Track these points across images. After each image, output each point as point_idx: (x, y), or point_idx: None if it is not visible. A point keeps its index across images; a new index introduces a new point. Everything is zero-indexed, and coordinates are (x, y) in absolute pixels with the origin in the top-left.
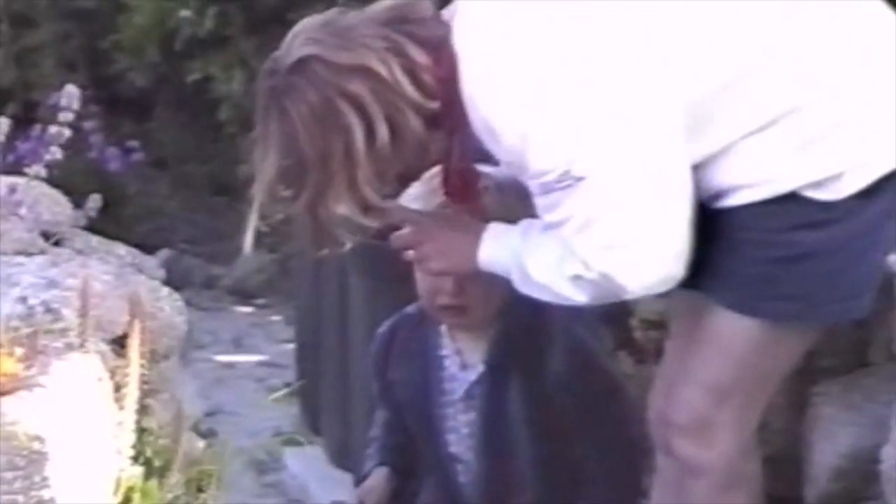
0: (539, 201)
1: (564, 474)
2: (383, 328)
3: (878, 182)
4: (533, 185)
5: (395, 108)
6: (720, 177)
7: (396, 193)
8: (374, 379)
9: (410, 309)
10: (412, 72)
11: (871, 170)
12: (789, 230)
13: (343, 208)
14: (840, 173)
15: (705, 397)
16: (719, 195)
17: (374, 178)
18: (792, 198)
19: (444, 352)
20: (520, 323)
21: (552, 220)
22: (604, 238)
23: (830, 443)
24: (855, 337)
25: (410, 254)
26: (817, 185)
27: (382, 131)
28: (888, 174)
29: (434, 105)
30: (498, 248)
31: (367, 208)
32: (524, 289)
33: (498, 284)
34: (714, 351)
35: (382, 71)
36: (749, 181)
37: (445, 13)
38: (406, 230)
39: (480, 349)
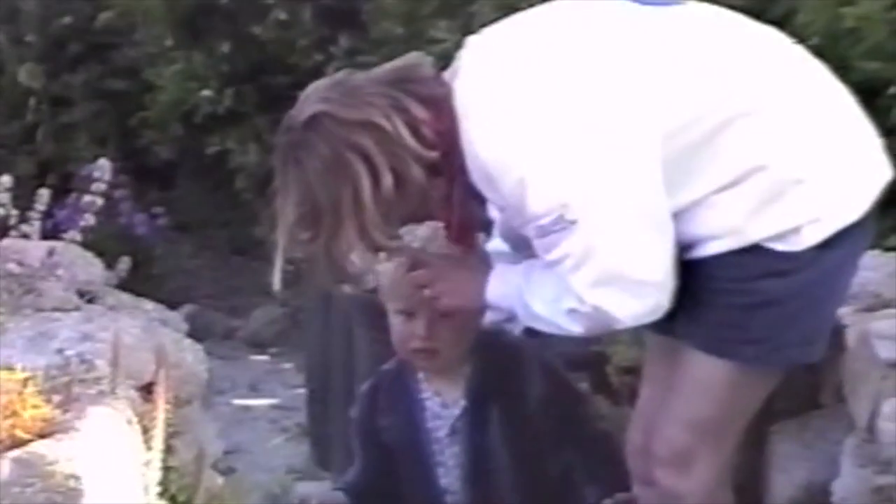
0: (537, 243)
1: (543, 492)
2: (365, 386)
3: (835, 235)
4: (530, 229)
5: (399, 158)
6: (693, 228)
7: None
8: (357, 433)
9: (387, 366)
10: (413, 126)
11: (828, 224)
12: (755, 279)
13: (355, 249)
14: (799, 227)
15: (684, 433)
16: (692, 245)
17: (381, 222)
18: (757, 249)
19: (425, 395)
20: (493, 357)
21: (550, 260)
22: (595, 275)
23: (786, 477)
24: (808, 381)
25: (426, 293)
26: (779, 237)
27: (387, 179)
28: (843, 228)
29: (433, 155)
30: (503, 286)
31: (376, 249)
32: (528, 322)
33: (466, 328)
34: (690, 390)
35: (386, 125)
36: (719, 233)
37: (446, 74)
38: (420, 271)
39: (458, 387)
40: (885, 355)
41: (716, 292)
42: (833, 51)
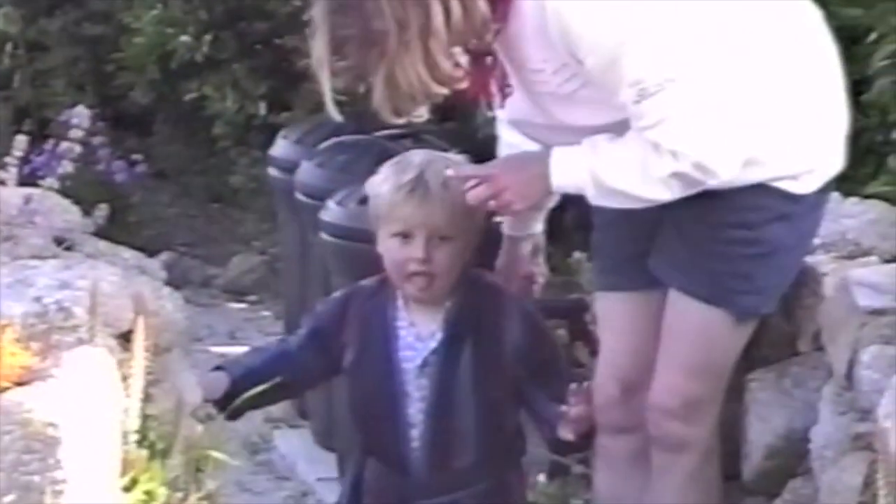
0: (632, 108)
1: (503, 440)
2: (337, 294)
3: (829, 181)
4: (626, 94)
5: None
6: None
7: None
8: (310, 326)
9: (366, 282)
10: None
11: (830, 168)
12: (765, 224)
13: (418, 75)
14: (813, 168)
15: (691, 381)
16: None
17: (446, 51)
18: (768, 189)
19: (401, 323)
20: (475, 297)
21: (645, 125)
22: (702, 130)
23: (765, 424)
24: (786, 329)
25: (492, 204)
26: (794, 177)
27: (457, 9)
28: (833, 176)
29: None
30: (568, 169)
31: (439, 78)
32: (600, 200)
33: (462, 253)
34: (691, 339)
35: None
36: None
37: None
38: (480, 187)
39: (436, 321)
40: (864, 303)
41: (727, 242)
42: None
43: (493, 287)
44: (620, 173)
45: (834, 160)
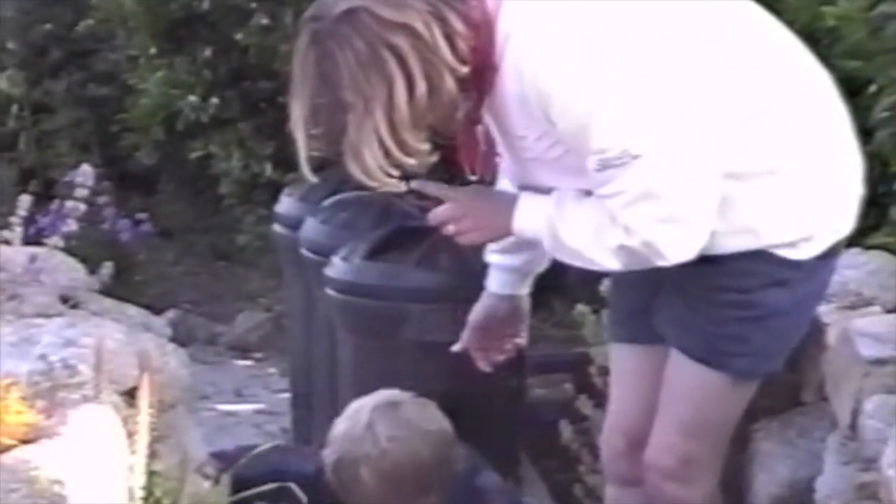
0: (594, 176)
1: None
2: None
3: (833, 246)
4: (590, 161)
5: (433, 66)
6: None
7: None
8: None
9: None
10: (450, 37)
11: (832, 234)
12: (760, 289)
13: (382, 147)
14: (811, 235)
15: (687, 441)
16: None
17: (412, 126)
18: (764, 255)
19: None
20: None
21: (604, 193)
22: (655, 212)
23: (769, 474)
24: (790, 379)
25: (450, 229)
26: (792, 244)
27: (421, 85)
28: (838, 240)
29: (466, 70)
30: (531, 216)
31: (405, 151)
32: (555, 253)
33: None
34: (687, 399)
35: (424, 32)
36: (732, 229)
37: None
38: (444, 207)
39: None
40: (867, 353)
41: (722, 305)
42: (814, 49)
43: (481, 496)
44: (575, 233)
45: (839, 225)
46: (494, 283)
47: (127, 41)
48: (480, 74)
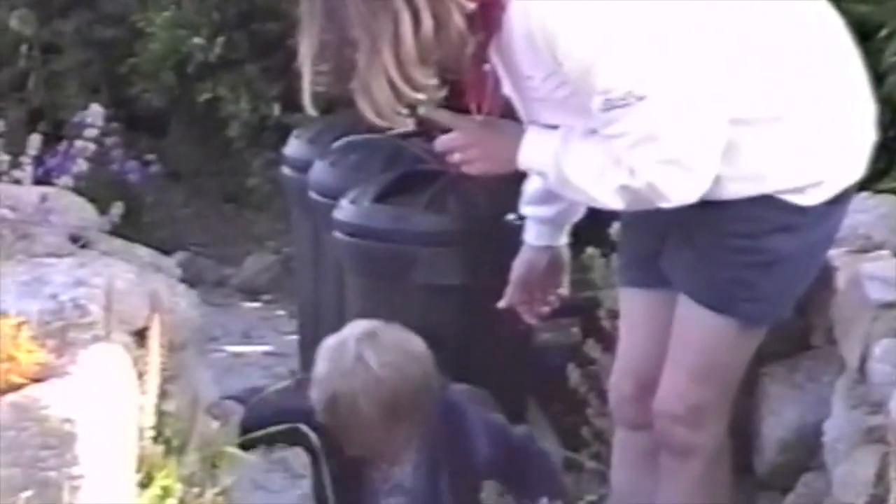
0: (599, 115)
1: None
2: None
3: (839, 193)
4: (595, 100)
5: (439, 1)
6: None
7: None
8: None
9: None
10: None
11: (841, 180)
12: (767, 234)
13: (390, 82)
14: (820, 181)
15: (697, 387)
16: (713, 183)
17: (419, 62)
18: (771, 200)
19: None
20: (440, 429)
21: (608, 133)
22: (658, 154)
23: (778, 418)
24: (798, 323)
25: (456, 157)
26: (799, 189)
27: (428, 20)
28: (847, 187)
29: (472, 6)
30: (538, 150)
31: (413, 86)
32: (558, 189)
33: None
34: (697, 346)
35: None
36: (740, 175)
37: None
38: (451, 135)
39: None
40: (876, 296)
41: (729, 250)
42: None
43: (456, 409)
44: (580, 170)
45: (848, 171)
46: (532, 234)
47: None
48: (488, 12)
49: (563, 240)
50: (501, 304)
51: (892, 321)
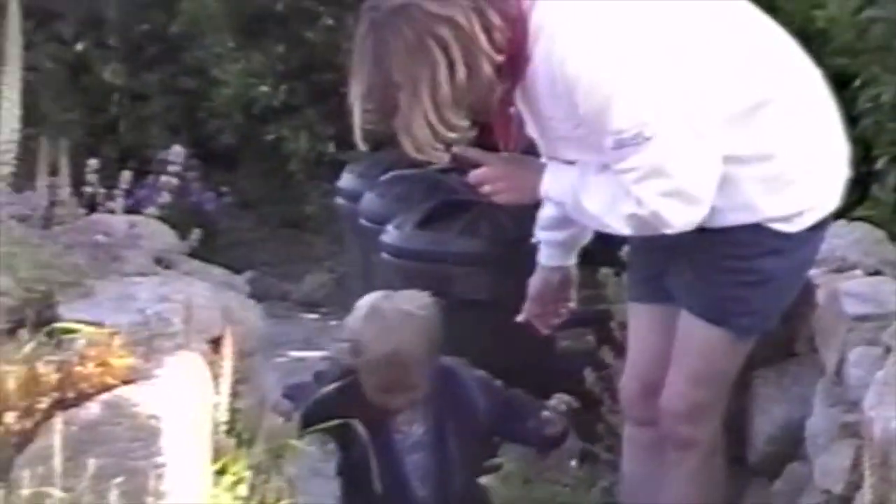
0: (611, 153)
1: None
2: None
3: (822, 220)
4: (608, 140)
5: (472, 54)
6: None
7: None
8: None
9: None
10: (488, 29)
11: (820, 209)
12: (757, 257)
13: (428, 122)
14: (802, 211)
15: (696, 389)
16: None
17: (453, 105)
18: (760, 228)
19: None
20: (443, 390)
21: (619, 168)
22: (662, 187)
23: (766, 416)
24: (784, 334)
25: (486, 188)
26: (785, 218)
27: (462, 70)
28: (827, 214)
29: (501, 58)
30: (558, 182)
31: (448, 126)
32: (575, 216)
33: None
34: (696, 353)
35: (465, 24)
36: (733, 206)
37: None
38: (482, 169)
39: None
40: (851, 310)
41: (724, 271)
42: (806, 47)
43: (449, 370)
44: (594, 200)
45: (827, 202)
46: (545, 256)
47: (210, 39)
48: (514, 62)
49: (573, 260)
50: (520, 318)
51: (865, 332)
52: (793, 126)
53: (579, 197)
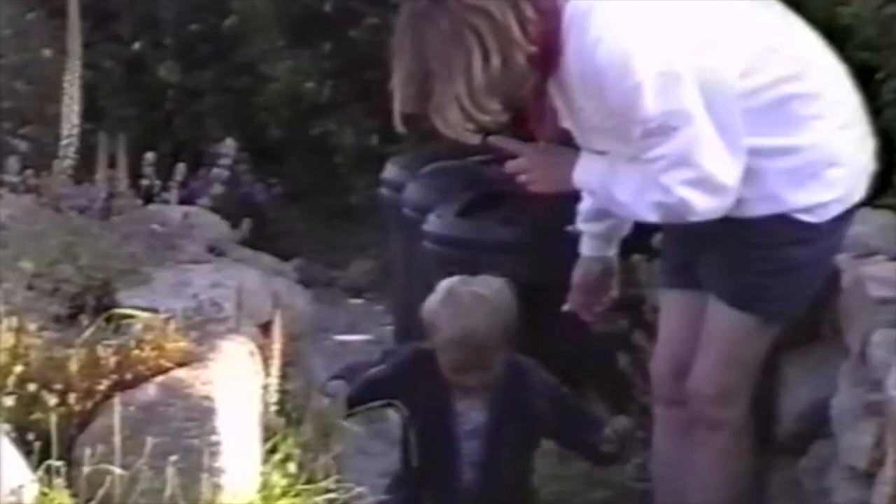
0: (639, 142)
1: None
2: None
3: (846, 211)
4: (636, 129)
5: (506, 44)
6: (739, 190)
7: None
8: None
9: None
10: (522, 21)
11: (846, 201)
12: (783, 245)
13: (461, 107)
14: (827, 202)
15: (725, 372)
16: (734, 203)
17: (487, 91)
18: (786, 218)
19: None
20: (510, 384)
21: (647, 157)
22: (688, 176)
23: (794, 395)
24: (811, 317)
25: (522, 178)
26: (808, 209)
27: (496, 59)
28: (853, 205)
29: (534, 49)
30: (589, 172)
31: (482, 110)
32: (605, 205)
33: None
34: (726, 338)
35: (500, 16)
36: (759, 196)
37: None
38: (518, 160)
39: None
40: (875, 294)
41: (750, 259)
42: (831, 43)
43: (520, 366)
44: (623, 188)
45: (851, 194)
46: (587, 247)
47: (260, 38)
48: (547, 54)
49: (613, 251)
50: (565, 307)
51: (888, 314)
52: (817, 120)
53: (609, 186)
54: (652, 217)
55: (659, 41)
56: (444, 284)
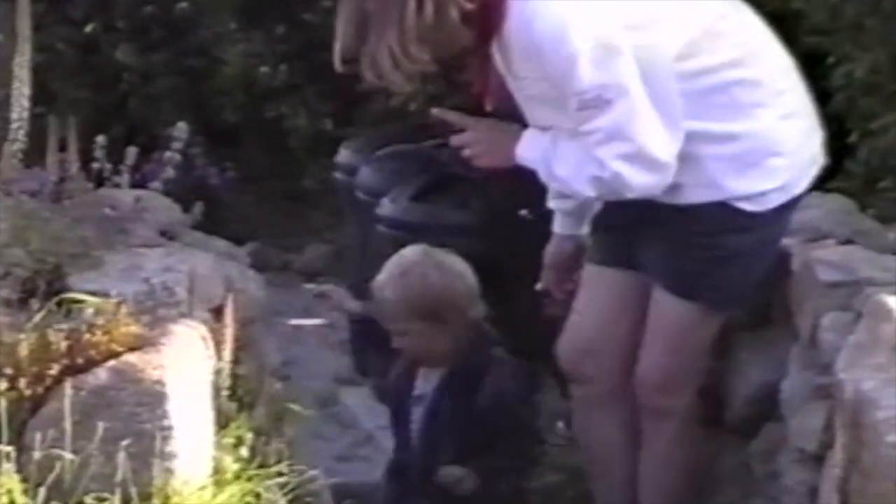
0: (574, 114)
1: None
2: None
3: (789, 200)
4: (571, 100)
5: None
6: (678, 175)
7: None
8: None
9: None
10: None
11: (789, 191)
12: (723, 233)
13: (391, 52)
14: (767, 192)
15: (669, 360)
16: (673, 189)
17: (417, 41)
18: (726, 206)
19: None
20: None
21: (583, 130)
22: (622, 150)
23: (744, 378)
24: (760, 301)
25: (466, 152)
26: (748, 198)
27: (429, 9)
28: (796, 195)
29: (470, 6)
30: (531, 148)
31: (410, 58)
32: (547, 180)
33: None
34: (669, 325)
35: None
36: (699, 182)
37: None
38: (464, 134)
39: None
40: (825, 277)
41: (693, 247)
42: (781, 28)
43: (491, 357)
44: (563, 164)
45: (794, 185)
46: (558, 225)
47: (213, 21)
48: (485, 14)
49: (584, 229)
50: (538, 286)
51: (837, 298)
52: (760, 108)
53: (550, 161)
54: (590, 192)
55: (597, 13)
56: (395, 258)
